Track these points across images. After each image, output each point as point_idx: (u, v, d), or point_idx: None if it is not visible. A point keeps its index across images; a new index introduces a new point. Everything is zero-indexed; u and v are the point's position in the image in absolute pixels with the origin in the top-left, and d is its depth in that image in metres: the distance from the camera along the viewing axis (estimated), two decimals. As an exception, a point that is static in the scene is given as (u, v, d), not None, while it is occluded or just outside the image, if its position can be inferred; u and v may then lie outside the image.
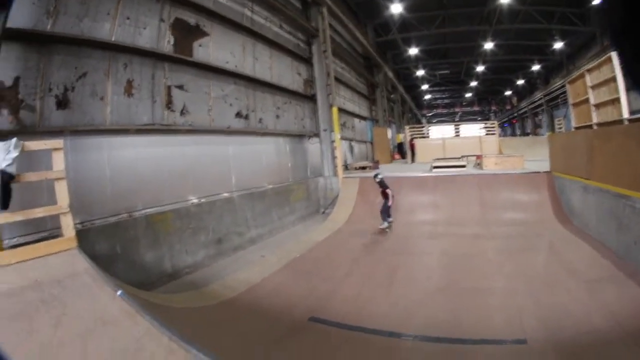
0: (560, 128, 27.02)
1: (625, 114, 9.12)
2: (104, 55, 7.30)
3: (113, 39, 7.45)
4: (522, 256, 7.95)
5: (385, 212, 10.63)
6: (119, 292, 3.45)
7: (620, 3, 1.06)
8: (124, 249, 6.86)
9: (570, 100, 12.54)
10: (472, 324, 5.23)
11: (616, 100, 9.41)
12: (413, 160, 22.30)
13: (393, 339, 5.04)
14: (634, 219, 6.70)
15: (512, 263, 7.60)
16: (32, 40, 6.17)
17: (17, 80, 5.92)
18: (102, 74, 7.24)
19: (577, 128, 11.87)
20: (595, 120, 10.56)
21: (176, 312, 4.04)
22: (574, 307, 5.41)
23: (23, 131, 5.72)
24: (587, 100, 10.93)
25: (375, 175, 11.11)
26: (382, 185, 10.75)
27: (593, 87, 10.53)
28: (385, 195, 10.66)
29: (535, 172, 11.90)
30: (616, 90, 9.34)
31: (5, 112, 5.77)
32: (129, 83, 7.74)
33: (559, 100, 32.85)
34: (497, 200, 11.51)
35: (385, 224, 10.56)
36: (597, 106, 10.47)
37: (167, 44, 8.67)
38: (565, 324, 4.98)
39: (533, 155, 14.93)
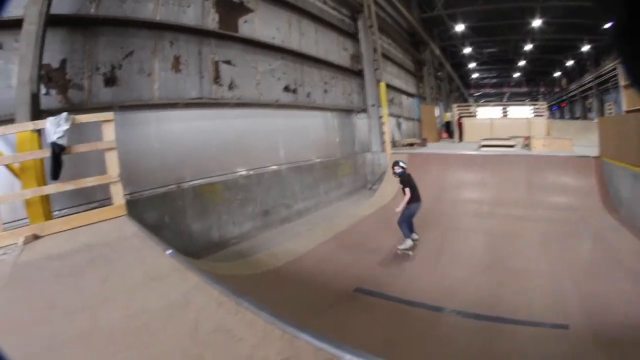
0: (611, 113, 25.67)
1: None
2: (149, 34, 7.51)
3: (158, 18, 7.63)
4: (567, 241, 7.70)
5: (407, 223, 7.54)
6: (168, 252, 3.54)
7: (620, 2, 1.03)
8: (172, 218, 7.08)
9: (622, 82, 11.88)
10: (514, 305, 5.21)
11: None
12: (461, 139, 21.81)
13: (436, 313, 5.10)
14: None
15: (557, 247, 7.41)
16: (76, 24, 6.46)
17: (64, 62, 6.23)
18: (148, 51, 7.46)
19: (628, 112, 11.22)
20: None
21: (223, 279, 4.10)
22: (617, 298, 5.23)
23: (72, 109, 5.92)
24: None
25: (395, 164, 8.01)
26: (403, 181, 7.70)
27: (628, 87, 9.92)
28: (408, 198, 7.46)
29: (584, 157, 11.32)
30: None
31: (54, 92, 6.07)
32: (176, 59, 7.91)
33: (609, 84, 30.72)
34: (544, 182, 11.09)
35: (409, 243, 7.35)
36: None
37: (212, 21, 8.74)
38: (607, 313, 4.85)
39: (582, 140, 14.26)
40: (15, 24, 5.34)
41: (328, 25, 13.75)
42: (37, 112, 5.31)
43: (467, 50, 38.69)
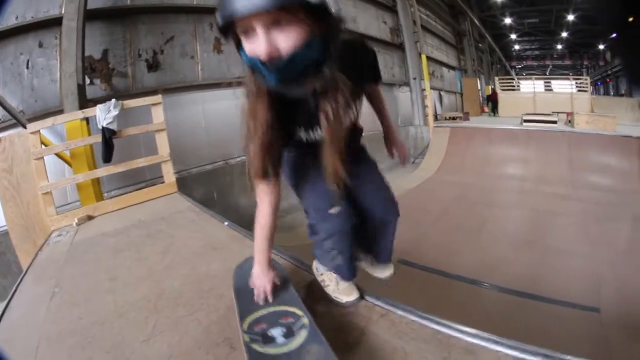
0: None
1: None
2: (188, 19, 7.76)
3: (195, 2, 7.84)
4: (607, 224, 7.53)
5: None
6: (226, 223, 3.67)
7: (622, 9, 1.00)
8: (220, 194, 7.34)
9: None
10: (550, 284, 5.26)
11: None
12: (494, 113, 21.28)
13: (475, 286, 5.25)
14: None
15: (597, 229, 7.29)
16: (113, 15, 6.81)
17: (105, 52, 6.61)
18: (189, 35, 7.75)
19: None
20: None
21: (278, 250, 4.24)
22: None
23: (117, 95, 6.30)
24: None
25: None
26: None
27: (630, 87, 9.49)
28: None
29: (628, 136, 10.84)
30: None
31: (97, 81, 6.44)
32: (217, 41, 8.13)
33: None
34: (586, 161, 10.73)
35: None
36: None
37: (252, 0, 8.78)
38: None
39: (627, 118, 13.85)
40: (53, 23, 5.86)
41: (366, 0, 13.58)
42: (84, 102, 5.75)
43: (507, 20, 37.48)
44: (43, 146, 4.60)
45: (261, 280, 1.91)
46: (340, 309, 2.07)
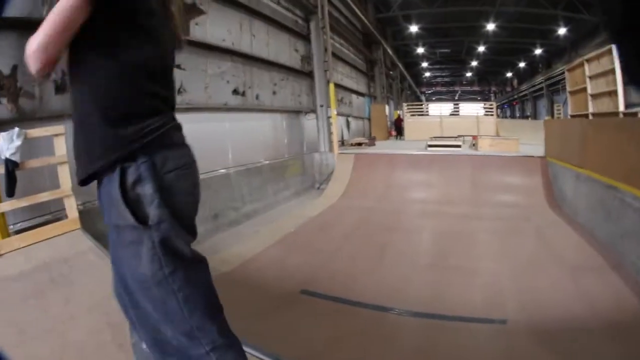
0: (559, 114, 26.97)
1: (621, 107, 9.34)
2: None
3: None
4: (509, 239, 8.19)
5: None
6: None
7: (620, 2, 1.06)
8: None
9: (569, 88, 12.74)
10: (456, 302, 5.48)
11: (613, 93, 9.63)
12: (398, 137, 22.53)
13: (379, 312, 5.35)
14: (622, 212, 6.78)
15: (499, 245, 7.87)
16: (27, 27, 6.29)
17: (15, 68, 6.03)
18: None
19: (572, 116, 12.04)
20: (591, 110, 10.78)
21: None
22: (555, 293, 5.62)
23: (23, 118, 5.94)
24: (584, 90, 11.16)
25: None
26: None
27: (591, 77, 10.75)
28: None
29: (530, 156, 11.96)
30: (614, 82, 9.60)
31: (5, 100, 5.92)
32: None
33: (560, 85, 32.01)
34: (489, 181, 11.64)
35: None
36: (594, 96, 10.69)
37: (163, 25, 8.73)
38: (545, 308, 5.20)
39: (530, 139, 14.92)
40: None
41: (280, 27, 13.94)
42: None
43: (421, 50, 39.81)
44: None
45: None
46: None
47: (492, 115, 22.46)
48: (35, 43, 1.43)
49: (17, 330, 2.89)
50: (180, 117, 6.26)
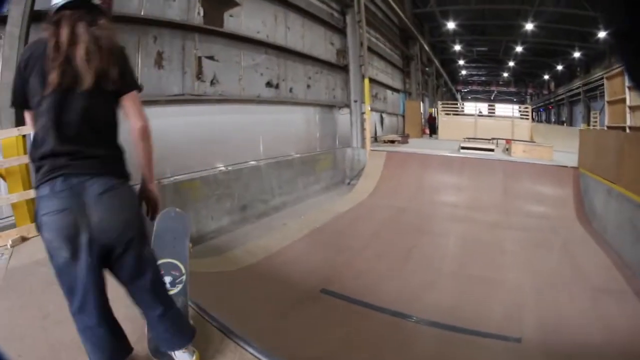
0: (596, 122, 26.03)
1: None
2: (133, 29, 7.50)
3: (142, 14, 7.64)
4: (535, 251, 7.94)
5: None
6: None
7: (621, 1, 1.02)
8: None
9: (607, 97, 12.23)
10: (473, 314, 5.36)
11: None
12: (431, 135, 22.15)
13: (397, 318, 5.26)
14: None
15: (525, 257, 7.65)
16: None
17: None
18: (132, 47, 7.44)
19: (609, 127, 11.53)
20: (629, 122, 10.30)
21: (197, 276, 4.32)
22: (573, 314, 5.44)
23: None
24: (623, 100, 10.66)
25: None
26: None
27: (631, 88, 10.24)
28: None
29: (562, 166, 11.55)
30: (656, 95, 9.07)
31: None
32: (159, 55, 7.95)
33: (598, 92, 30.60)
34: (520, 190, 11.33)
35: None
36: (633, 108, 10.19)
37: (197, 16, 8.80)
38: (562, 329, 5.04)
39: (564, 146, 14.31)
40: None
41: (316, 19, 13.82)
42: (22, 116, 5.32)
43: (457, 47, 38.91)
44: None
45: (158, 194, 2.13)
46: None
47: (527, 119, 21.89)
48: None
49: (42, 314, 2.96)
50: (213, 108, 6.33)
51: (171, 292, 2.56)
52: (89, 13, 1.99)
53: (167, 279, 2.67)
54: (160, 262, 2.59)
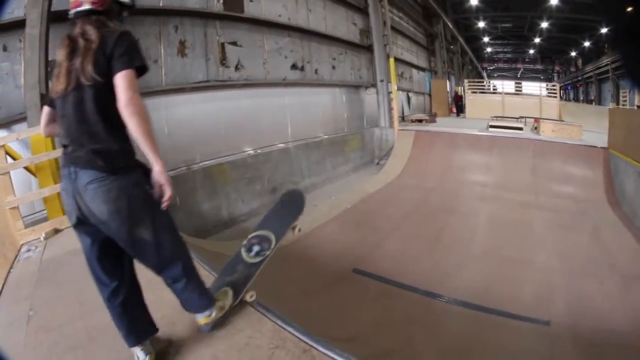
0: (625, 100, 24.99)
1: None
2: (154, 20, 7.62)
3: (161, 4, 7.74)
4: (565, 234, 7.75)
5: None
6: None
7: (621, 2, 1.02)
8: (183, 200, 7.36)
9: None
10: (503, 295, 5.34)
11: (688, 85, 8.72)
12: (458, 114, 21.77)
13: (428, 298, 5.30)
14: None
15: (554, 238, 7.52)
16: None
17: None
18: (153, 38, 7.61)
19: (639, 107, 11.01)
20: None
21: (229, 258, 4.37)
22: (603, 301, 5.31)
23: None
24: None
25: None
26: None
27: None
28: None
29: (592, 146, 11.12)
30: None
31: None
32: (182, 44, 8.07)
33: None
34: (549, 169, 11.02)
35: None
36: None
37: (217, 3, 8.84)
38: (590, 314, 4.96)
39: (593, 125, 13.90)
40: (18, 25, 5.50)
41: (337, 0, 13.68)
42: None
43: (481, 24, 37.89)
44: (9, 158, 4.64)
45: (167, 175, 2.08)
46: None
47: (555, 97, 21.10)
48: None
49: (78, 302, 3.06)
50: (238, 93, 6.37)
51: (250, 261, 2.92)
52: (95, 19, 2.16)
53: (255, 248, 2.98)
54: (258, 232, 3.07)
